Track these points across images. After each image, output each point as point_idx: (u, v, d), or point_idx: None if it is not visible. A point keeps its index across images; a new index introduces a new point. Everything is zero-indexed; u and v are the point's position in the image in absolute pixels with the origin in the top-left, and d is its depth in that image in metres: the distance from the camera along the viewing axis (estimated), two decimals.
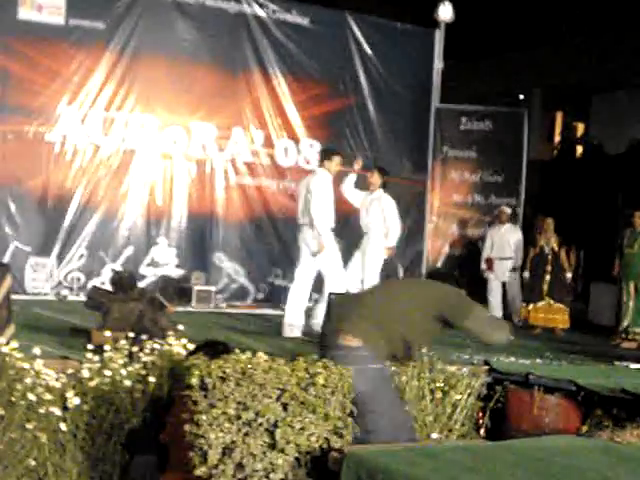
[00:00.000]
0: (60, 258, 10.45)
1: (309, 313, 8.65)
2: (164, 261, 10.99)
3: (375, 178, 9.38)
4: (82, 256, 10.57)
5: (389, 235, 9.24)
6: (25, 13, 10.24)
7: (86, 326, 7.13)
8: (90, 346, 5.43)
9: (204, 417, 3.81)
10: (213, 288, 10.83)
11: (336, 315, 4.92)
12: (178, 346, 5.48)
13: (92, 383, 5.19)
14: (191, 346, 5.50)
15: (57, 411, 5.00)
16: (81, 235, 10.54)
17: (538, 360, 7.62)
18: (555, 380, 6.24)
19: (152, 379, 5.27)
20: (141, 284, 10.66)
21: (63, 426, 5.04)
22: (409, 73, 12.08)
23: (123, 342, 5.43)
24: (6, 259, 10.08)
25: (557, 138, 18.65)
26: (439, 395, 5.88)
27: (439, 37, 12.20)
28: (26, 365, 5.10)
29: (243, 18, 11.28)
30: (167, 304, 6.36)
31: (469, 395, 5.87)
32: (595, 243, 11.76)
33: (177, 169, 11.05)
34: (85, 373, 5.21)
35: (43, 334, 7.22)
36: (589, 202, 13.98)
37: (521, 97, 17.15)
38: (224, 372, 3.84)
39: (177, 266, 11.04)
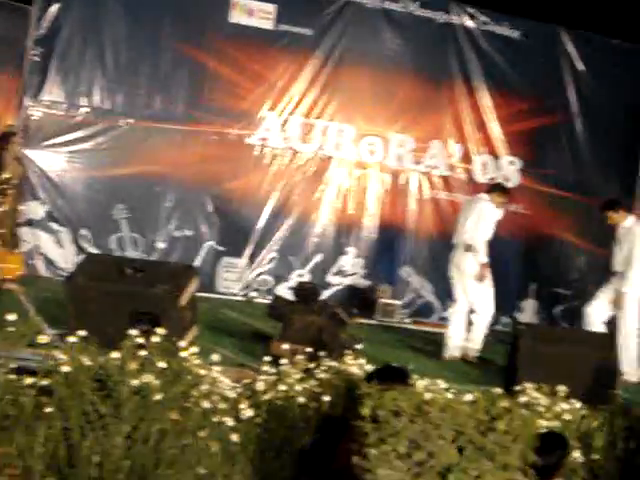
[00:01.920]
0: (251, 260, 10.55)
1: None
2: (351, 271, 10.89)
3: (618, 216, 8.62)
4: (272, 259, 10.64)
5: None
6: (236, 16, 10.42)
7: (268, 332, 7.13)
8: (267, 357, 5.34)
9: (374, 451, 3.60)
10: (399, 302, 10.63)
11: None
12: (355, 366, 5.32)
13: (266, 396, 5.10)
14: (368, 367, 5.34)
15: (230, 421, 4.94)
16: (273, 238, 10.61)
17: None
18: None
19: (326, 398, 5.12)
20: (327, 292, 10.70)
21: (235, 437, 4.98)
22: (622, 93, 11.36)
23: (300, 357, 5.32)
24: (200, 258, 10.34)
25: None
26: (633, 445, 5.40)
27: None
28: (203, 372, 5.09)
29: (451, 28, 10.99)
30: (348, 320, 6.20)
31: None
32: None
33: (371, 179, 10.92)
34: (260, 386, 5.13)
35: (225, 337, 7.30)
36: None
37: None
38: (397, 406, 3.62)
39: (364, 277, 10.92)
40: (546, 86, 11.26)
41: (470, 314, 8.26)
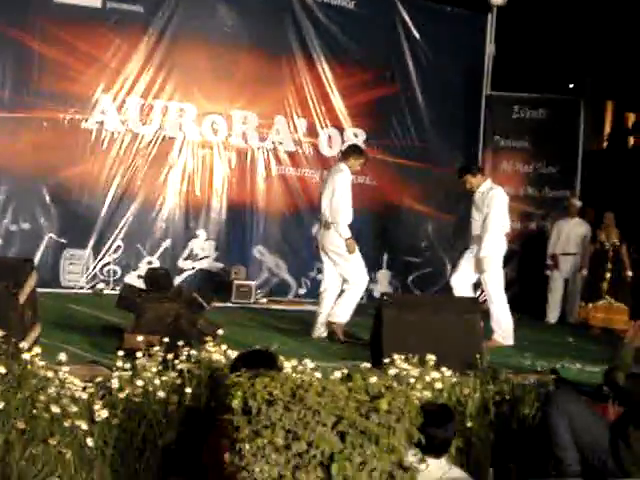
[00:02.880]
0: (96, 250, 9.92)
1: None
2: (203, 254, 10.43)
3: (476, 180, 8.19)
4: (118, 248, 10.04)
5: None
6: None
7: (121, 324, 6.59)
8: (120, 352, 4.85)
9: (247, 446, 3.21)
10: (253, 283, 10.25)
11: None
12: (218, 353, 4.89)
13: (122, 394, 4.61)
14: (232, 353, 4.93)
15: (83, 425, 4.43)
16: (118, 226, 10.00)
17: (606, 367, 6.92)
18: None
19: (189, 390, 4.67)
20: (180, 278, 10.20)
21: (90, 441, 4.47)
22: (459, 59, 11.35)
23: (157, 348, 4.85)
24: (41, 251, 9.64)
25: (607, 129, 17.85)
26: (505, 409, 5.23)
27: (490, 21, 11.46)
28: (50, 374, 4.55)
29: (286, 1, 10.64)
30: (206, 304, 5.77)
31: (538, 409, 5.19)
32: None
33: (217, 159, 10.46)
34: (114, 383, 4.64)
35: (74, 333, 6.72)
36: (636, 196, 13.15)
37: (571, 86, 16.34)
38: (271, 394, 3.23)
39: (216, 259, 10.47)
40: (385, 56, 11.13)
41: (342, 288, 7.87)
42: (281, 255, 10.75)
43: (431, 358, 5.25)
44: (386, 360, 5.33)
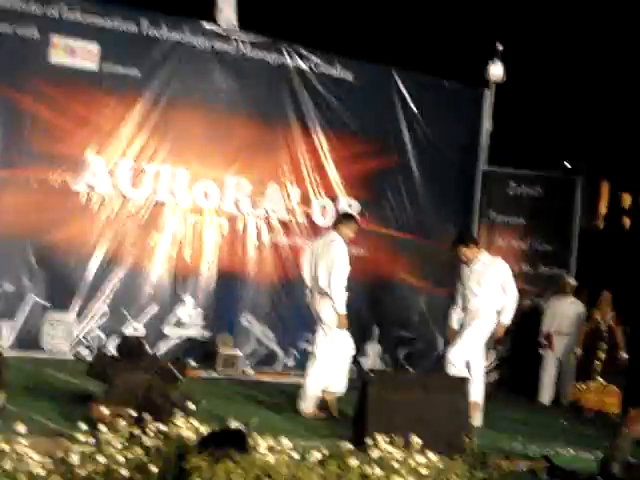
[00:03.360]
0: (80, 314, 9.58)
1: None
2: (190, 321, 10.08)
3: (470, 251, 7.87)
4: (104, 313, 9.69)
5: (506, 309, 7.78)
6: (57, 57, 9.54)
7: (96, 393, 6.22)
8: (83, 424, 4.48)
9: None
10: (240, 353, 9.89)
11: None
12: (189, 429, 4.53)
13: (83, 471, 4.23)
14: (204, 429, 4.57)
15: None
16: (103, 290, 9.67)
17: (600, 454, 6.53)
18: None
19: (154, 469, 4.29)
20: (164, 345, 9.86)
21: None
22: (456, 133, 11.18)
23: (124, 422, 4.49)
24: (23, 313, 9.32)
25: (603, 209, 17.62)
26: None
27: (488, 97, 11.32)
28: (6, 447, 4.18)
29: (284, 70, 10.50)
30: (180, 376, 5.42)
31: None
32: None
33: (208, 225, 10.20)
34: (74, 459, 4.26)
35: (44, 400, 6.35)
36: (632, 277, 12.84)
37: (567, 165, 16.16)
38: None
39: (203, 327, 10.12)
40: (382, 128, 10.96)
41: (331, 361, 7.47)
42: (270, 325, 10.40)
43: (416, 441, 4.88)
44: (369, 441, 4.95)
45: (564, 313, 10.40)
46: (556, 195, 11.40)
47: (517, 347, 10.80)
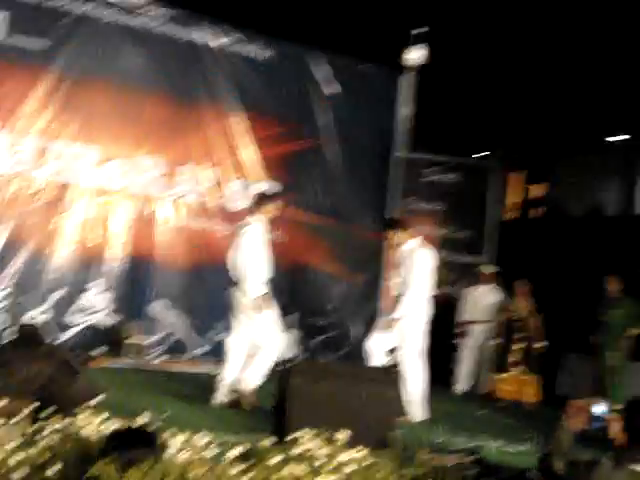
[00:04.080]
0: None
1: None
2: (96, 308, 9.44)
3: (400, 236, 7.44)
4: (4, 298, 8.97)
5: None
6: None
7: None
8: None
9: None
10: (148, 340, 9.31)
11: None
12: (90, 426, 3.99)
13: None
14: (107, 426, 4.04)
15: None
16: (3, 276, 8.94)
17: (527, 446, 6.24)
18: None
19: (50, 472, 3.74)
20: (69, 333, 9.22)
21: None
22: (372, 118, 10.78)
23: (16, 419, 3.93)
24: None
25: (512, 199, 17.62)
26: None
27: (406, 81, 10.94)
28: None
29: (195, 48, 9.91)
30: (79, 368, 4.85)
31: None
32: (559, 309, 10.42)
33: (117, 206, 9.56)
34: None
35: None
36: (549, 266, 12.73)
37: (483, 154, 16.03)
38: None
39: (110, 314, 9.49)
40: (297, 109, 10.50)
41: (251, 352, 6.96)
42: (180, 312, 9.83)
43: (342, 436, 4.45)
44: (291, 436, 4.50)
45: (480, 302, 10.14)
46: (474, 181, 11.13)
47: (432, 336, 10.48)
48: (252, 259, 6.90)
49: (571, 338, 10.00)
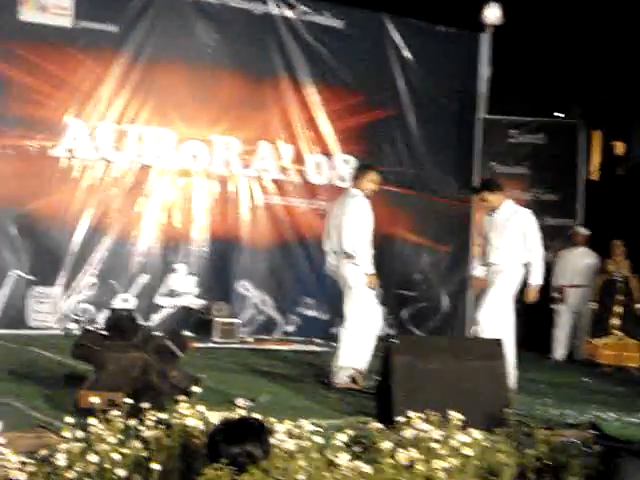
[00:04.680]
0: (67, 287, 8.76)
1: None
2: (183, 290, 9.29)
3: (495, 198, 6.92)
4: (92, 285, 8.88)
5: (533, 268, 6.77)
6: (28, 14, 8.63)
7: (88, 373, 5.42)
8: (69, 419, 3.69)
9: None
10: (238, 320, 9.12)
11: None
12: (193, 417, 3.75)
13: (70, 474, 3.46)
14: (211, 416, 3.79)
15: None
16: (90, 261, 8.85)
17: None
18: None
19: (156, 466, 3.52)
20: (157, 316, 9.09)
21: None
22: (453, 81, 10.33)
23: (116, 411, 3.71)
24: (6, 289, 8.51)
25: (597, 157, 16.87)
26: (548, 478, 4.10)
27: (485, 41, 10.45)
28: None
29: (270, 20, 9.60)
30: (179, 352, 4.63)
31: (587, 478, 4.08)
32: None
33: (197, 188, 9.36)
34: (61, 459, 3.49)
35: (28, 384, 5.54)
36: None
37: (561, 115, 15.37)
38: None
39: (197, 296, 9.33)
40: (375, 78, 10.09)
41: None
42: (267, 290, 9.61)
43: (457, 417, 4.13)
44: (400, 418, 4.20)
45: (576, 265, 9.65)
46: (559, 142, 10.59)
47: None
48: (363, 233, 6.55)
49: None
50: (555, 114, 13.76)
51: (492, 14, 10.16)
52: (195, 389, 4.13)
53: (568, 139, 10.67)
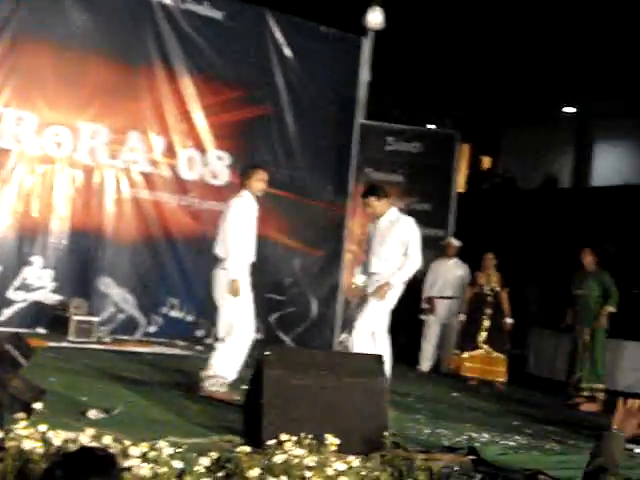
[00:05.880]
0: None
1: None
2: (38, 284, 8.51)
3: (380, 205, 6.52)
4: None
5: (400, 269, 6.37)
6: None
7: None
8: None
9: None
10: (96, 319, 8.42)
11: None
12: (32, 439, 3.16)
13: None
14: (55, 436, 3.21)
15: None
16: None
17: (518, 438, 5.55)
18: None
19: None
20: (9, 311, 8.30)
21: None
22: (333, 83, 9.99)
23: None
24: None
25: (464, 170, 17.01)
26: None
27: (367, 46, 10.15)
28: None
29: (146, 4, 8.97)
30: (23, 360, 4.00)
31: None
32: (525, 283, 9.83)
33: (59, 176, 8.60)
34: None
35: None
36: (507, 239, 12.13)
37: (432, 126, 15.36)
38: None
39: (53, 291, 8.57)
40: (254, 74, 9.62)
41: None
42: (130, 288, 8.95)
43: (332, 441, 3.70)
44: (271, 442, 3.73)
45: (447, 277, 9.46)
46: (435, 151, 10.39)
47: (396, 313, 9.80)
48: (237, 236, 6.05)
49: (538, 314, 9.39)
50: (428, 126, 13.70)
51: (374, 19, 9.88)
52: (38, 405, 3.53)
53: (444, 149, 10.51)
